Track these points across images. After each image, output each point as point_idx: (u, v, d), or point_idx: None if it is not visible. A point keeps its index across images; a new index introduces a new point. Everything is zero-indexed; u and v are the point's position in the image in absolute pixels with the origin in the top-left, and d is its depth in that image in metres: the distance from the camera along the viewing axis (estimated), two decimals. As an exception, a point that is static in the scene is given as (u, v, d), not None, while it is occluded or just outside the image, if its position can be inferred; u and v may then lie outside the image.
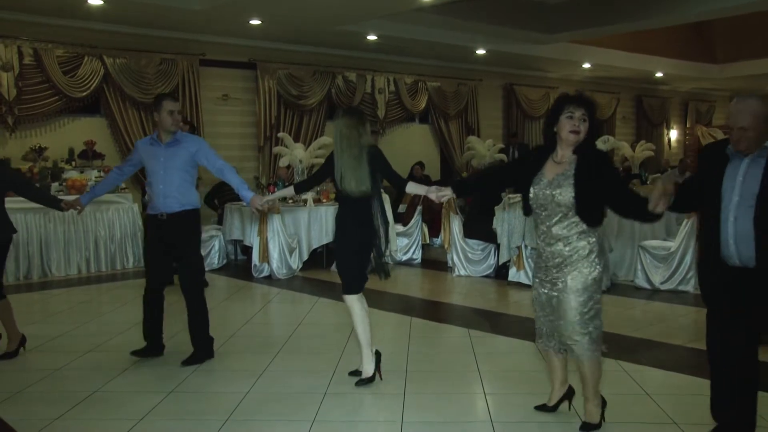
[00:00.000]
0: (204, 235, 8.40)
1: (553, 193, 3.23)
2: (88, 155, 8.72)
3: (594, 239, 3.27)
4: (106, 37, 9.09)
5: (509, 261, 7.25)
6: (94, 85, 9.01)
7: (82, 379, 4.28)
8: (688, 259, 6.70)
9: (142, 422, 3.56)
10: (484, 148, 11.03)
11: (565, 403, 3.64)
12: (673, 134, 18.30)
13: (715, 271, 2.99)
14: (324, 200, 8.36)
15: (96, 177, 8.37)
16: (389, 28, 10.15)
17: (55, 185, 8.04)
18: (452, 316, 6.09)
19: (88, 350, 4.84)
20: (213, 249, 8.49)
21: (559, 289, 3.28)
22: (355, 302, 4.06)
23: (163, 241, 4.54)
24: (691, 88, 17.75)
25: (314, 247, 8.24)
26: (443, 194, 3.82)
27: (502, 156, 10.69)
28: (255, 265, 7.90)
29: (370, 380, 4.10)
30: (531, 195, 3.32)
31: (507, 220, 7.16)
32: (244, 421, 3.59)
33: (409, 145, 12.67)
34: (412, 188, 4.16)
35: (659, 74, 15.30)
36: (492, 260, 7.82)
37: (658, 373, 4.32)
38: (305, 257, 8.14)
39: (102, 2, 7.99)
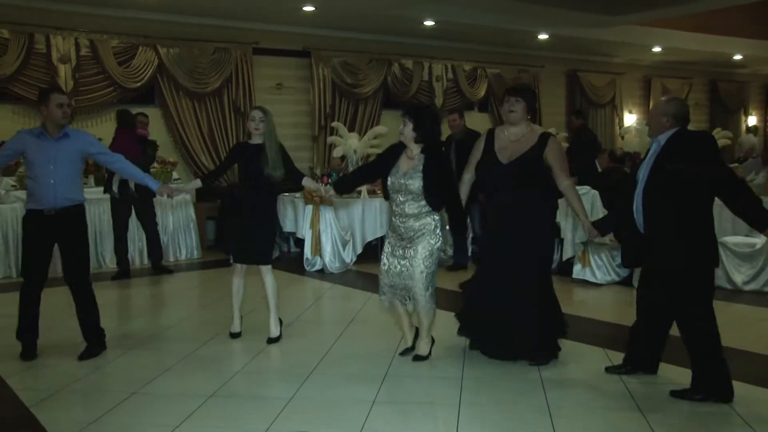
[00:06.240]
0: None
1: (406, 182, 4.06)
2: (143, 145, 8.66)
3: (437, 217, 4.15)
4: (160, 27, 9.05)
5: (573, 257, 6.82)
6: (148, 75, 8.98)
7: (123, 379, 4.12)
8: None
9: (179, 429, 3.35)
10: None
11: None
12: (752, 121, 17.11)
13: (635, 238, 3.79)
14: (378, 191, 8.06)
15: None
16: (446, 13, 9.76)
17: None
18: (512, 315, 5.71)
19: (131, 347, 4.70)
20: (265, 241, 8.30)
21: (410, 255, 4.11)
22: (270, 271, 4.80)
23: (48, 236, 4.40)
24: (774, 70, 16.61)
25: (368, 239, 7.96)
26: (331, 194, 4.66)
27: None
28: (307, 259, 7.69)
29: (278, 340, 4.78)
30: (388, 183, 4.15)
31: (572, 214, 6.71)
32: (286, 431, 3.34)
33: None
34: (307, 182, 4.86)
35: (738, 56, 14.33)
36: (555, 256, 7.36)
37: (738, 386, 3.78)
38: (359, 250, 7.86)
39: (155, -9, 7.94)
